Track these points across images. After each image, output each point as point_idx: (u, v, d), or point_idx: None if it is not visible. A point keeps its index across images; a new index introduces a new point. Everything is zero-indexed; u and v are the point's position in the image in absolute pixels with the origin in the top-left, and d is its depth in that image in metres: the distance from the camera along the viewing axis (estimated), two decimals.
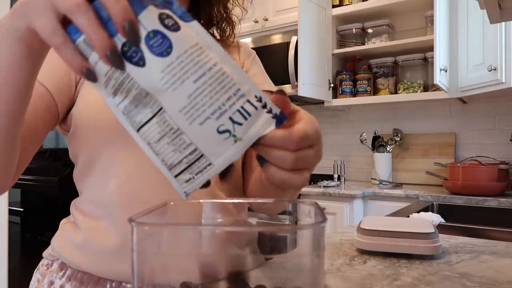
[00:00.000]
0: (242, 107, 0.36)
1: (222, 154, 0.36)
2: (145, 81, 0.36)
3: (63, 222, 0.72)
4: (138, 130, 0.38)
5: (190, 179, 0.38)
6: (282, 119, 0.38)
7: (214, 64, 0.36)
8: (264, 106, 0.37)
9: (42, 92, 0.59)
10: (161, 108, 0.36)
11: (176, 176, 0.38)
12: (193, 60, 0.35)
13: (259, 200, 0.63)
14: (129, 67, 0.35)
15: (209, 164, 0.37)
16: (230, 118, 0.36)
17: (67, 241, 0.67)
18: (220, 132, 0.36)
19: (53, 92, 0.60)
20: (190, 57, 0.35)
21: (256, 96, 0.37)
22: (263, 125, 0.37)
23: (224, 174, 0.39)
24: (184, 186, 0.38)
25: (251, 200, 0.65)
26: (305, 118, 0.40)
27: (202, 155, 0.37)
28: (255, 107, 0.37)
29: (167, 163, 0.38)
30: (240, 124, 0.36)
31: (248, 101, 0.36)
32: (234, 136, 0.36)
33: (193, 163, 0.37)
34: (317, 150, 0.41)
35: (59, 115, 0.63)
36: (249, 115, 0.36)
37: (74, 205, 0.70)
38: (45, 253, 0.72)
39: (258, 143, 0.38)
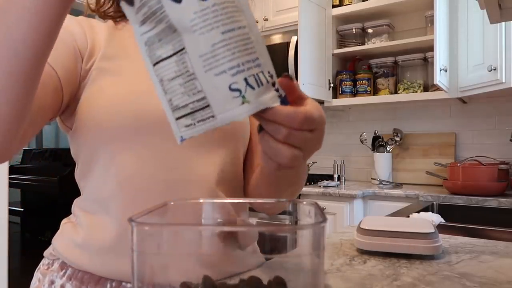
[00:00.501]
0: (257, 74, 0.37)
1: (227, 111, 0.37)
2: (176, 17, 0.36)
3: (64, 222, 0.72)
4: (154, 65, 0.38)
5: (190, 124, 0.38)
6: (285, 103, 0.39)
7: (244, 26, 0.37)
8: (273, 84, 0.38)
9: (52, 73, 0.59)
10: (183, 48, 0.37)
11: (177, 118, 0.38)
12: (227, 13, 0.36)
13: (259, 200, 0.63)
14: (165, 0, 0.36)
15: (212, 116, 0.37)
16: (245, 79, 0.36)
17: (68, 241, 0.67)
18: (231, 90, 0.36)
19: (60, 75, 0.60)
20: (225, 9, 0.36)
21: (269, 72, 0.38)
22: (270, 99, 0.38)
23: None
24: (183, 131, 0.38)
25: (251, 200, 0.65)
26: (312, 104, 0.41)
27: (208, 105, 0.37)
28: (267, 81, 0.38)
29: (173, 104, 0.38)
30: (253, 88, 0.37)
31: (262, 72, 0.37)
32: (243, 97, 0.36)
33: (197, 110, 0.37)
34: (317, 135, 0.42)
35: (62, 101, 0.62)
36: (262, 84, 0.37)
37: (76, 204, 0.70)
38: (46, 253, 0.72)
39: (261, 115, 0.38)
